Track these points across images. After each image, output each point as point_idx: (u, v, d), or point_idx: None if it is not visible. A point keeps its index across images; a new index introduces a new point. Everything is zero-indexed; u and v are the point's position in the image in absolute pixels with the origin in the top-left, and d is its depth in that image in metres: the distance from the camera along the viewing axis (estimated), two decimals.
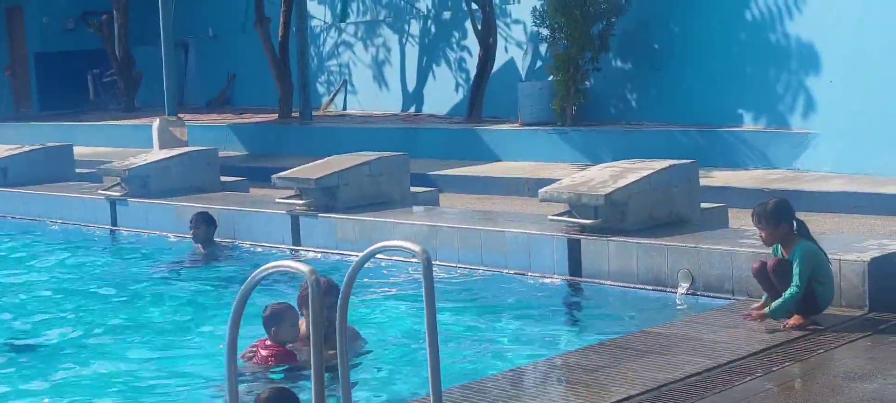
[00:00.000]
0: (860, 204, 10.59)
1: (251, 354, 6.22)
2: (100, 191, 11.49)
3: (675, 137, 13.62)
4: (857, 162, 11.85)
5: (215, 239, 9.80)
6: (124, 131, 19.90)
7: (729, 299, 6.75)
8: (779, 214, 5.95)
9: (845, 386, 4.96)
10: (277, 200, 9.83)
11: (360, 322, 7.11)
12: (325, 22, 21.67)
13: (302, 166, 10.19)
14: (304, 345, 6.08)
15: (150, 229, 10.80)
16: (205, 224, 9.69)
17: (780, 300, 5.86)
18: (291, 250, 9.49)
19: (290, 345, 6.24)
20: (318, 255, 9.19)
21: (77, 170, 13.81)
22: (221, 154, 13.16)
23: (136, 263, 9.84)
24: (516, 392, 5.16)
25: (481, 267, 8.28)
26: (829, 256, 6.09)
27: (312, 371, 3.97)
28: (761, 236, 6.05)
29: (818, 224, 6.35)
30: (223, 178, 11.95)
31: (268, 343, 6.21)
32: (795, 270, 5.83)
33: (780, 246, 6.00)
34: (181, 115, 17.26)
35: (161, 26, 16.94)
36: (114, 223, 11.24)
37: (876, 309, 6.16)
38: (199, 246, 9.72)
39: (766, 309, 5.93)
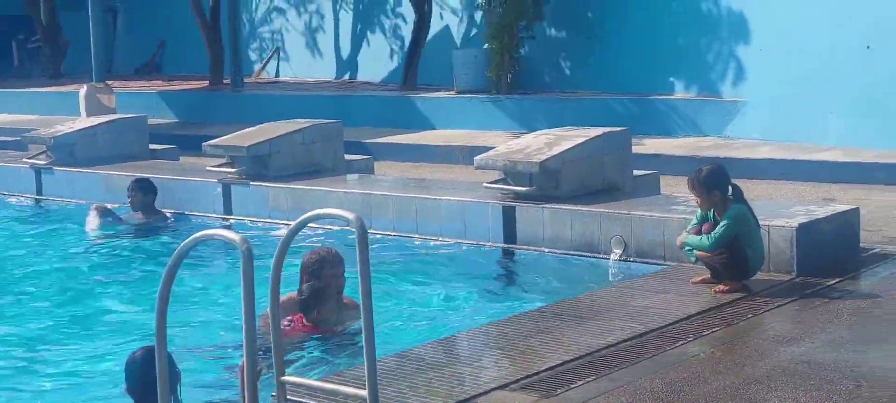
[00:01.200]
0: (788, 171, 10.77)
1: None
2: (24, 160, 11.24)
3: (609, 105, 13.71)
4: (785, 129, 12.04)
5: (157, 206, 9.60)
6: (50, 98, 19.49)
7: (661, 265, 6.82)
8: (711, 181, 6.03)
9: (774, 349, 5.04)
10: (208, 168, 9.71)
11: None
12: None
13: (233, 134, 10.07)
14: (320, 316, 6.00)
15: (77, 198, 10.60)
16: (141, 191, 9.46)
17: (697, 240, 5.98)
18: (223, 219, 9.39)
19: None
20: (250, 224, 9.10)
21: (1, 139, 13.50)
22: (151, 121, 12.96)
23: (65, 234, 9.64)
24: (451, 359, 5.16)
25: (416, 236, 8.27)
26: (762, 223, 6.18)
27: (244, 339, 3.91)
28: (697, 202, 6.12)
29: (747, 190, 6.42)
30: (152, 146, 11.77)
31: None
32: (718, 228, 5.93)
33: (714, 211, 6.08)
34: (109, 82, 16.96)
35: None
36: (39, 192, 11.01)
37: (803, 274, 6.27)
38: (139, 213, 9.52)
39: (686, 237, 6.07)
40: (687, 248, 6.12)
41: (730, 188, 6.06)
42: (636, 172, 8.43)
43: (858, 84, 11.64)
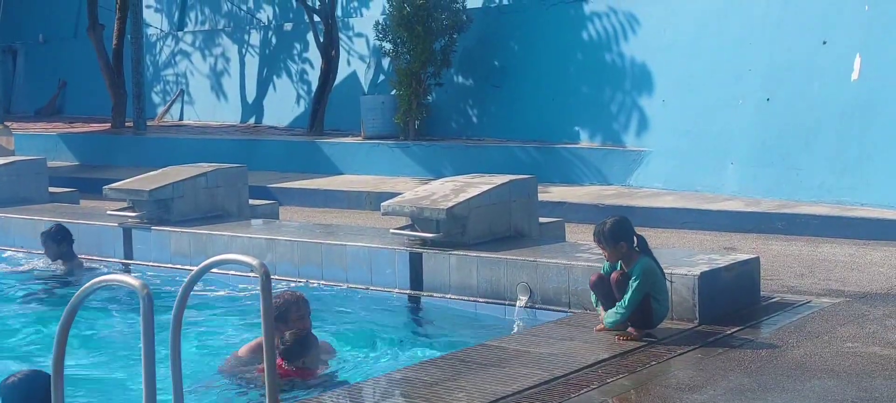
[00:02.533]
0: (689, 220, 10.97)
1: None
2: None
3: (514, 153, 13.84)
4: (687, 179, 12.27)
5: (77, 254, 9.27)
6: None
7: (566, 312, 6.85)
8: (616, 234, 6.08)
9: (677, 397, 5.09)
10: (109, 212, 9.50)
11: (202, 336, 6.95)
12: (161, 30, 21.18)
13: (135, 177, 9.87)
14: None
15: None
16: (53, 242, 9.12)
17: (615, 316, 6.02)
18: (123, 264, 9.18)
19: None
20: (151, 270, 8.92)
21: None
22: (50, 164, 12.67)
23: None
24: None
25: (321, 282, 8.18)
26: (664, 272, 6.25)
27: (144, 384, 3.81)
28: (604, 255, 6.17)
29: (650, 239, 6.50)
30: (52, 189, 11.49)
31: (286, 367, 5.93)
32: (629, 290, 5.97)
33: (621, 263, 6.12)
34: (7, 124, 16.56)
35: None
36: None
37: (705, 322, 6.35)
38: (59, 262, 9.17)
39: (604, 319, 6.09)
40: (610, 325, 6.10)
41: (635, 238, 6.13)
42: (542, 219, 8.49)
43: (757, 134, 11.95)
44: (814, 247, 9.59)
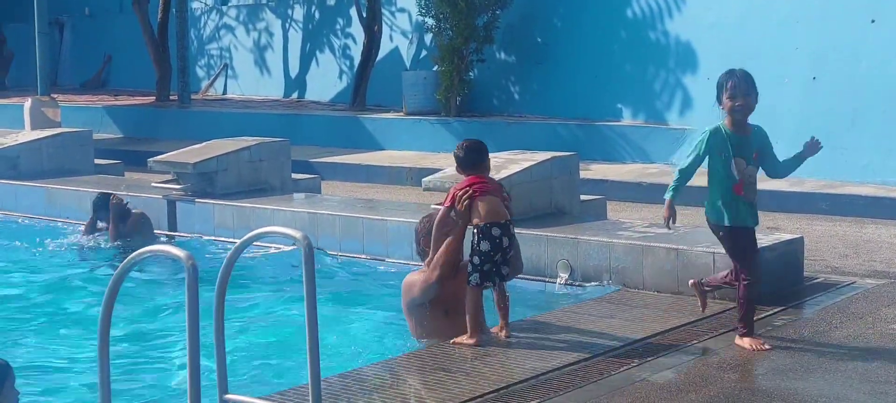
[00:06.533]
0: None
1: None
2: None
3: (556, 130, 13.79)
4: None
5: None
6: None
7: (607, 289, 6.84)
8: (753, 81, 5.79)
9: (718, 376, 5.07)
10: (153, 184, 9.60)
11: (244, 310, 7.02)
12: (205, 4, 21.28)
13: (179, 150, 9.97)
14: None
15: (20, 212, 10.43)
16: (103, 209, 9.21)
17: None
18: (167, 236, 9.28)
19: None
20: (194, 240, 9.00)
21: None
22: (96, 136, 12.82)
23: (10, 250, 9.42)
24: (395, 380, 5.13)
25: (363, 256, 8.23)
26: (705, 251, 6.21)
27: (188, 355, 3.85)
28: (743, 103, 6.04)
29: (693, 218, 6.49)
30: (97, 161, 11.63)
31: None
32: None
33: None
34: (54, 96, 16.73)
35: (35, 3, 16.37)
36: None
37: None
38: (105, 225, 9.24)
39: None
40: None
41: None
42: (583, 197, 8.47)
43: (803, 114, 11.82)
44: (858, 228, 9.49)
